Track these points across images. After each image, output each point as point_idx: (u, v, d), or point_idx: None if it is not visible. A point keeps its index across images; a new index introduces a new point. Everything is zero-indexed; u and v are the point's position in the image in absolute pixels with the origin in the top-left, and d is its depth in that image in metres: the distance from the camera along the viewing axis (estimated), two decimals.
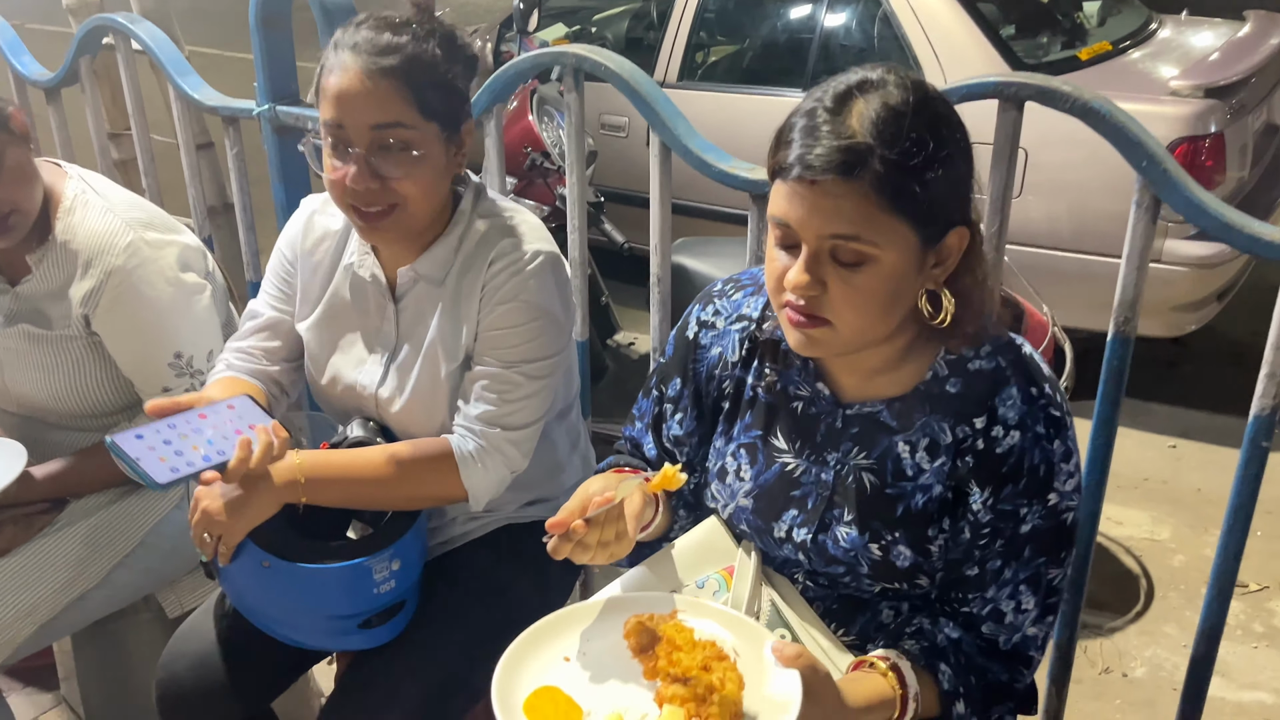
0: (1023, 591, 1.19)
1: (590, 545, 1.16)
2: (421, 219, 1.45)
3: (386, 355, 1.54)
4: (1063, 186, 3.43)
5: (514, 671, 1.12)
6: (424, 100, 1.38)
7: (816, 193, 1.05)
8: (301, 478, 1.41)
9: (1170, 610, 2.81)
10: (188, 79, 2.27)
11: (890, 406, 1.20)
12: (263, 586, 1.43)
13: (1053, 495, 1.15)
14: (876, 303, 1.09)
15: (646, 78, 1.69)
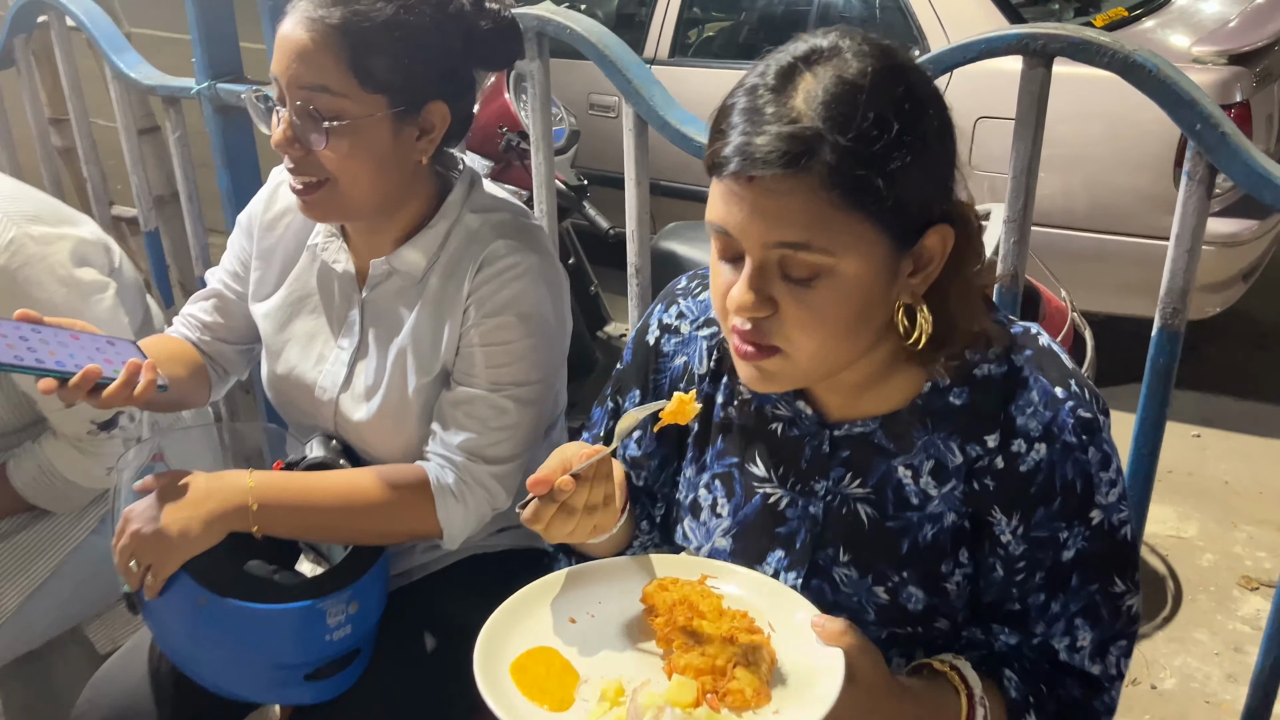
0: (1078, 626, 1.00)
1: (575, 509, 0.98)
2: (362, 203, 1.25)
3: (350, 356, 1.35)
4: (1078, 161, 3.26)
5: (509, 626, 0.98)
6: (365, 67, 1.18)
7: (757, 191, 0.86)
8: (254, 503, 1.23)
9: (1200, 614, 2.63)
10: (124, 56, 2.09)
11: (885, 425, 1.01)
12: (196, 627, 1.24)
13: (1095, 512, 0.97)
14: (837, 325, 0.90)
15: (619, 42, 1.49)
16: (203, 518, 1.21)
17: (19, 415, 1.57)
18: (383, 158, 1.22)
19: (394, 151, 1.23)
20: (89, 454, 1.54)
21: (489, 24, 1.25)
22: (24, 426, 1.59)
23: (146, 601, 1.25)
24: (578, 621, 1.00)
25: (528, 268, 1.26)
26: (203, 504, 1.22)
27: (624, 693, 0.91)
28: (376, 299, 1.34)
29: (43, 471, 1.53)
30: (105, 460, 1.55)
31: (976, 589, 1.03)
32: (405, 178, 1.26)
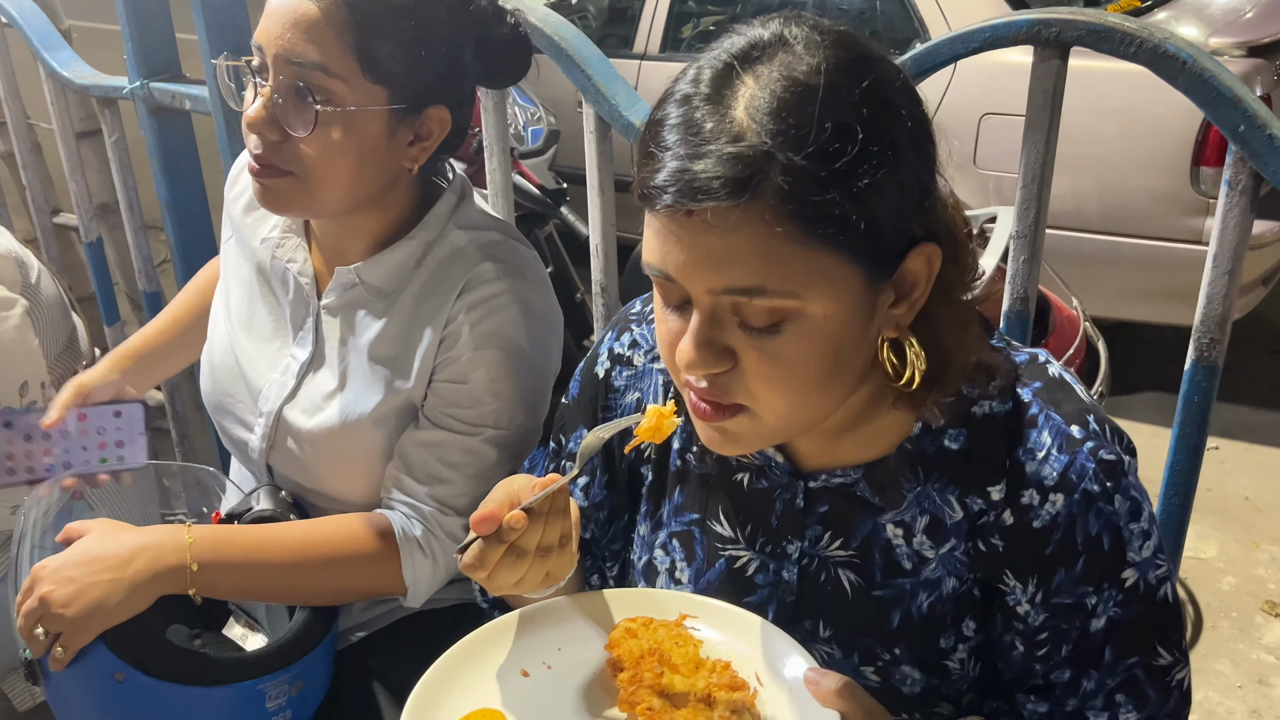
0: (1119, 703, 0.83)
1: (527, 552, 0.82)
2: (331, 203, 1.09)
3: (300, 367, 1.20)
4: (1090, 159, 3.14)
5: (448, 682, 0.84)
6: (370, 51, 1.03)
7: (698, 228, 0.71)
8: (193, 562, 1.06)
9: (1222, 643, 2.48)
10: (57, 54, 1.94)
11: (868, 475, 0.86)
12: (108, 707, 1.07)
13: (1129, 572, 0.81)
14: (808, 376, 0.75)
15: (577, 34, 1.33)
16: (129, 580, 1.04)
17: None
18: (369, 158, 1.07)
19: (383, 153, 1.08)
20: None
21: (506, 32, 1.15)
22: None
23: (50, 673, 1.08)
24: (530, 675, 0.87)
25: (518, 296, 1.12)
26: (130, 564, 1.05)
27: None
28: (336, 308, 1.18)
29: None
30: (7, 498, 1.39)
31: (986, 667, 0.88)
32: (386, 183, 1.11)
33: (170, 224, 1.84)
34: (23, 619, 1.06)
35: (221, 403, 1.28)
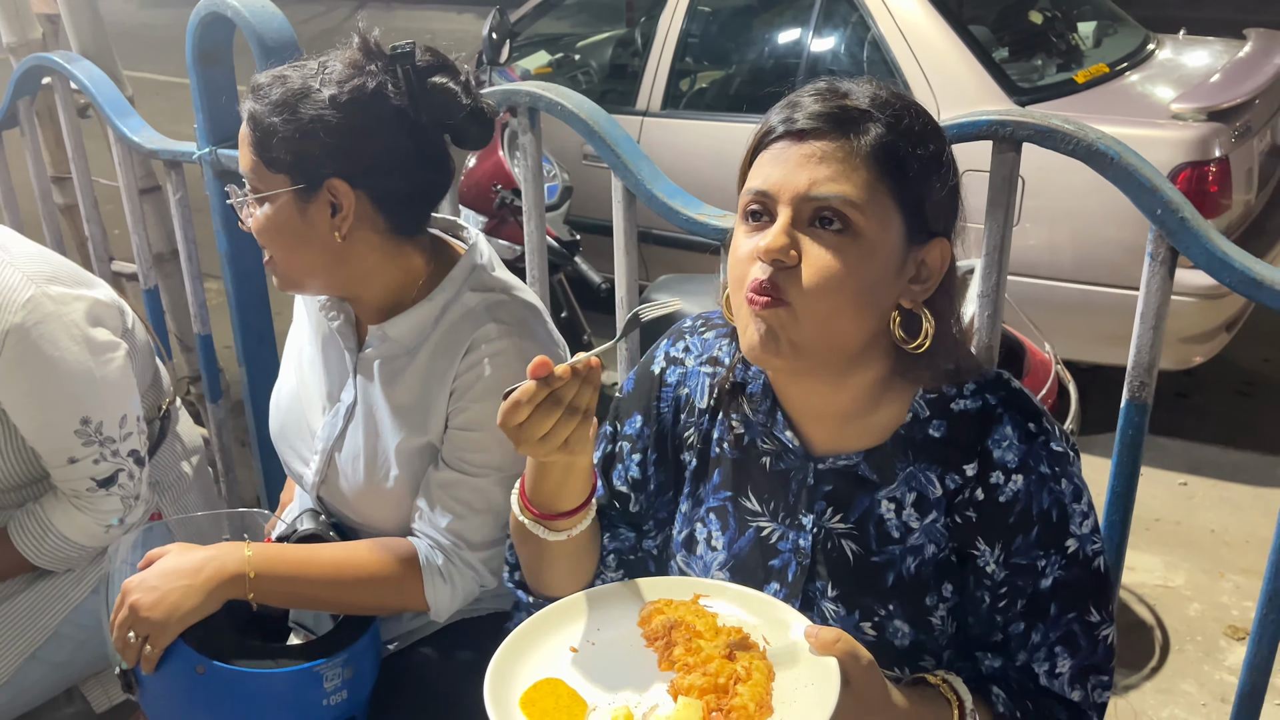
0: (1057, 654, 1.05)
1: (562, 402, 0.97)
2: (300, 277, 1.31)
3: (345, 410, 1.39)
4: (1064, 214, 3.31)
5: (512, 662, 1.01)
6: (266, 147, 1.25)
7: (806, 149, 0.97)
8: (251, 572, 1.26)
9: (1188, 665, 2.65)
10: (127, 120, 2.14)
11: (868, 458, 1.07)
12: (191, 698, 1.26)
13: (1071, 541, 1.03)
14: (850, 286, 0.97)
15: (607, 116, 1.54)
16: (200, 586, 1.24)
17: (24, 470, 1.60)
18: (298, 234, 1.27)
19: (306, 228, 1.27)
20: (86, 510, 1.56)
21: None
22: (28, 483, 1.62)
23: (142, 677, 1.27)
24: (579, 650, 1.04)
25: (518, 354, 1.29)
26: (200, 572, 1.25)
27: (632, 718, 0.94)
28: (370, 361, 1.37)
29: (43, 529, 1.56)
30: (103, 517, 1.58)
31: (962, 624, 1.08)
32: (338, 254, 1.28)
33: (229, 274, 2.04)
34: (117, 630, 1.26)
35: (286, 439, 1.48)
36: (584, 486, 1.10)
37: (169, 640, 1.23)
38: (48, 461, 1.55)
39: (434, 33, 9.18)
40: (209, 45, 1.90)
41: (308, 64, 1.26)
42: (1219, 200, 3.20)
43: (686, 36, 4.11)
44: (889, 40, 3.61)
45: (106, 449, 1.54)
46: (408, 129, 1.26)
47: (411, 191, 1.30)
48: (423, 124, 1.27)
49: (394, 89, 1.25)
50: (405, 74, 1.25)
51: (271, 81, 1.25)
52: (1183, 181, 3.14)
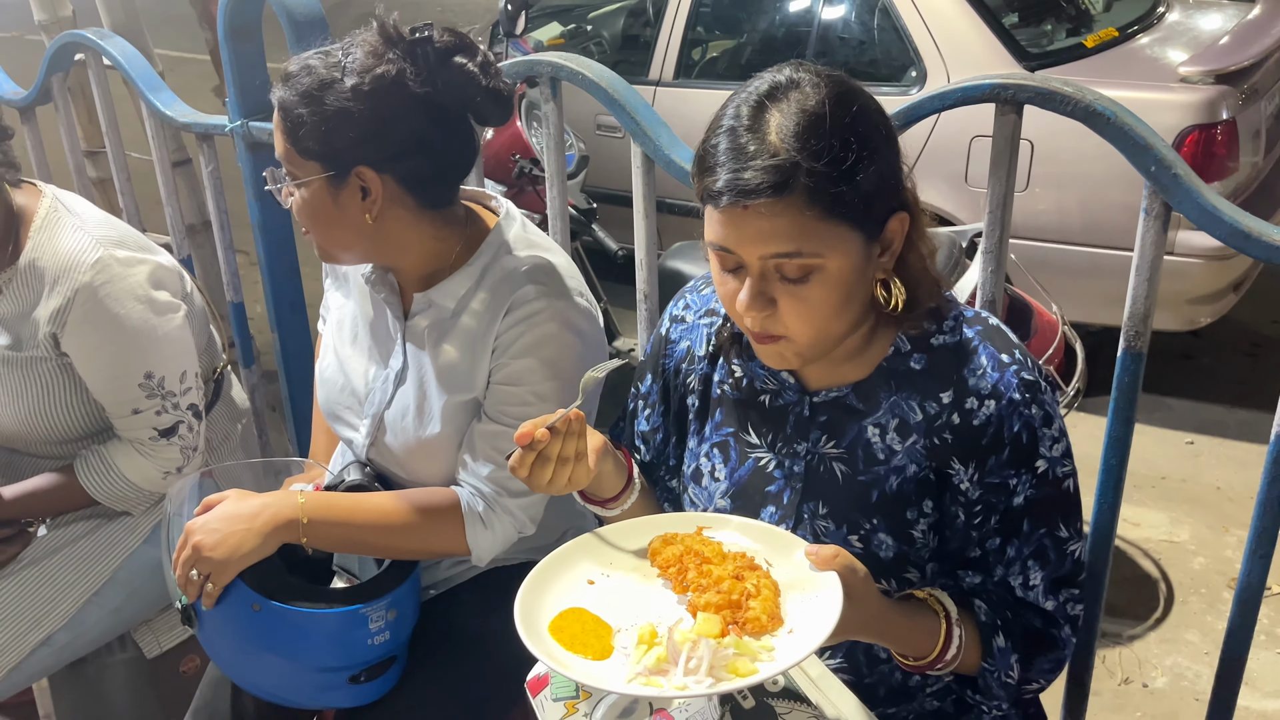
0: (1030, 567, 1.14)
1: (550, 459, 1.11)
2: (338, 253, 1.40)
3: (394, 376, 1.47)
4: (1072, 178, 3.35)
5: (535, 597, 1.09)
6: (297, 136, 1.31)
7: (750, 216, 1.03)
8: (304, 517, 1.34)
9: (1191, 616, 2.72)
10: (160, 95, 2.20)
11: (856, 389, 1.18)
12: (247, 634, 1.35)
13: (1040, 462, 1.12)
14: (829, 309, 1.08)
15: (626, 85, 1.61)
16: (258, 530, 1.32)
17: (90, 421, 1.70)
18: (331, 218, 1.35)
19: (339, 212, 1.34)
20: (148, 456, 1.67)
21: (487, 86, 1.33)
22: (91, 434, 1.72)
23: (201, 612, 1.36)
24: (596, 583, 1.12)
25: (554, 313, 1.36)
26: (258, 517, 1.33)
27: (657, 634, 1.02)
28: (417, 327, 1.45)
29: (107, 470, 1.67)
30: (162, 465, 1.68)
31: (942, 539, 1.17)
32: (372, 232, 1.36)
33: (261, 243, 2.12)
34: (180, 567, 1.35)
35: (333, 410, 1.56)
36: (614, 482, 1.24)
37: (229, 579, 1.32)
38: (112, 413, 1.65)
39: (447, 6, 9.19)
40: (240, 21, 1.97)
41: (332, 52, 1.31)
42: (1226, 163, 3.23)
43: (698, 6, 4.13)
44: (899, 7, 3.63)
45: (168, 402, 1.65)
46: (429, 111, 1.31)
47: (437, 170, 1.37)
48: (444, 105, 1.32)
49: (414, 74, 1.29)
50: (425, 57, 1.30)
51: (299, 71, 1.31)
52: (1190, 144, 3.16)
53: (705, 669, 0.97)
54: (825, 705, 1.13)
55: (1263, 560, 1.31)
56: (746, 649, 1.00)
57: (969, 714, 1.24)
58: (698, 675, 0.97)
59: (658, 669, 0.99)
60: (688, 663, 0.98)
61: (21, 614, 1.66)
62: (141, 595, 1.76)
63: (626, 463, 1.27)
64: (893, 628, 1.09)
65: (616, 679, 1.00)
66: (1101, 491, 1.40)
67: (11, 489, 1.68)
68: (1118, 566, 2.90)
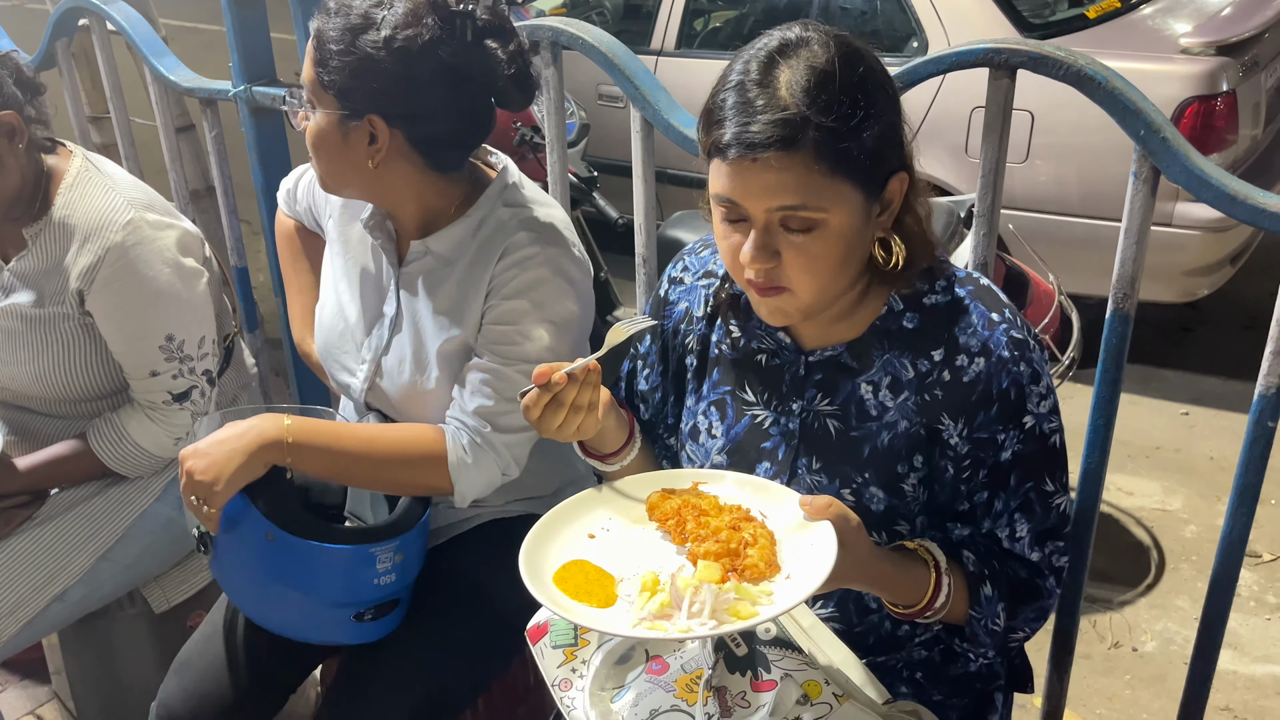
0: (1016, 520, 1.17)
1: (564, 404, 1.14)
2: (336, 185, 1.42)
3: (389, 322, 1.50)
4: (1072, 150, 3.37)
5: (539, 550, 1.12)
6: (324, 68, 1.34)
7: (758, 168, 1.04)
8: (289, 438, 1.36)
9: (1182, 582, 2.76)
10: (163, 60, 2.22)
11: (850, 348, 1.20)
12: (259, 562, 1.38)
13: (1028, 418, 1.14)
14: (831, 263, 1.09)
15: (626, 50, 1.62)
16: (244, 449, 1.34)
17: (108, 381, 1.73)
18: (337, 151, 1.38)
19: (346, 149, 1.37)
20: (160, 423, 1.70)
21: (512, 73, 1.37)
22: (107, 394, 1.75)
23: (217, 539, 1.39)
24: (596, 537, 1.16)
25: (546, 259, 1.39)
26: (243, 438, 1.35)
27: (659, 582, 1.06)
28: (412, 274, 1.48)
29: (119, 436, 1.70)
30: (174, 430, 1.71)
31: (931, 493, 1.20)
32: (373, 176, 1.38)
33: (264, 208, 2.14)
34: (185, 495, 1.37)
35: (332, 354, 1.59)
36: (616, 437, 1.28)
37: (223, 500, 1.34)
38: (130, 373, 1.69)
39: None
40: None
41: None
42: (1225, 135, 3.24)
43: None
44: None
45: (185, 366, 1.68)
46: (452, 83, 1.33)
47: (447, 138, 1.39)
48: (468, 80, 1.35)
49: (446, 44, 1.31)
50: (462, 30, 1.32)
51: (339, 7, 1.33)
52: (1189, 116, 3.17)
53: (708, 612, 1.01)
54: (816, 654, 1.17)
55: (1244, 517, 1.34)
56: (747, 593, 1.03)
57: (956, 663, 1.28)
58: (701, 618, 1.01)
59: (661, 614, 1.03)
60: (690, 607, 1.02)
61: (37, 570, 1.70)
62: (154, 551, 1.80)
63: (628, 420, 1.31)
64: (884, 576, 1.12)
65: (623, 624, 1.04)
66: (1088, 453, 1.43)
67: (26, 460, 1.71)
68: (1110, 534, 2.95)
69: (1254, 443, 1.30)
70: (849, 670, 1.16)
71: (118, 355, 1.68)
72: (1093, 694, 2.44)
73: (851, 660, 1.17)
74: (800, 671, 1.15)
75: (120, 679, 1.94)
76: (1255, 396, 1.29)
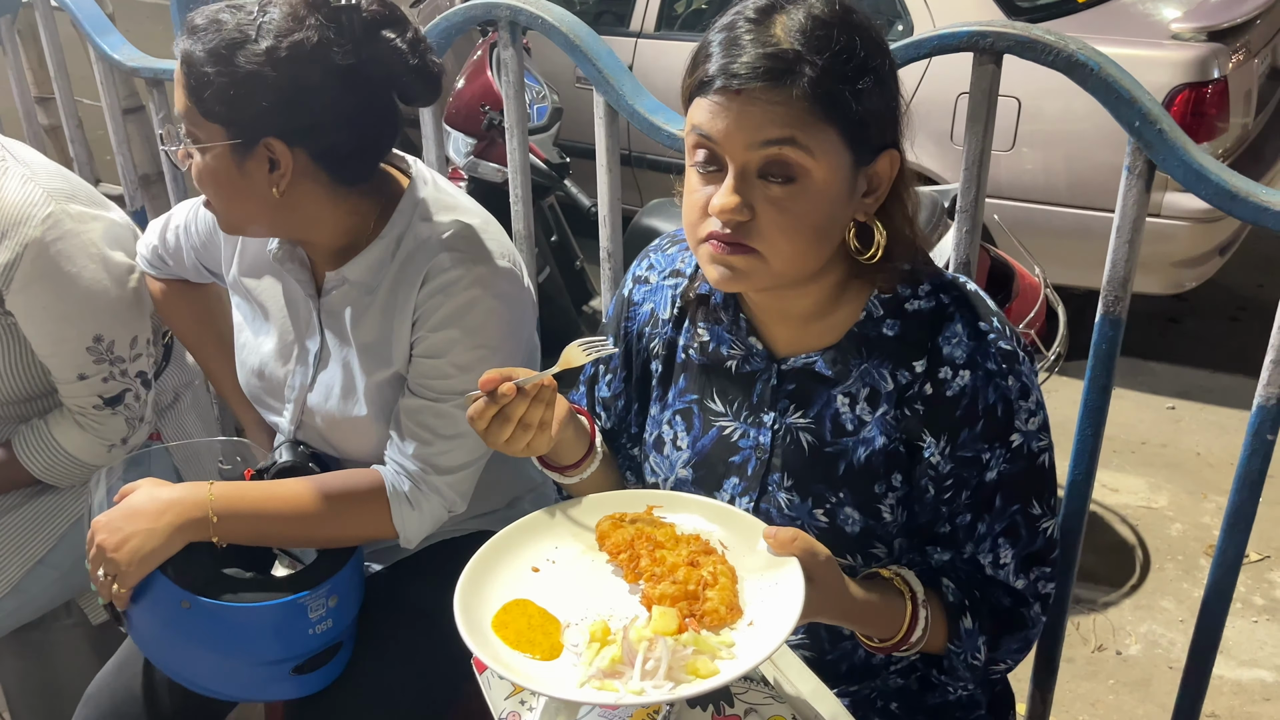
0: (1001, 545, 1.09)
1: (511, 419, 1.04)
2: (237, 223, 1.30)
3: (314, 357, 1.40)
4: (1060, 138, 3.29)
5: (477, 589, 1.02)
6: (200, 96, 1.20)
7: (743, 101, 0.96)
8: (213, 515, 1.27)
9: (1167, 583, 2.71)
10: (108, 38, 2.11)
11: (825, 355, 1.11)
12: (180, 632, 1.28)
13: (1015, 436, 1.06)
14: (808, 226, 1.00)
15: (589, 31, 1.52)
16: (163, 530, 1.25)
17: (31, 385, 1.62)
18: (233, 187, 1.24)
19: (243, 181, 1.23)
20: (90, 429, 1.59)
21: (414, 65, 1.25)
22: (33, 397, 1.64)
23: (129, 611, 1.29)
24: (541, 570, 1.06)
25: (474, 279, 1.28)
26: (163, 516, 1.25)
27: (609, 631, 0.97)
28: (332, 304, 1.37)
29: (47, 446, 1.59)
30: (106, 437, 1.60)
31: (911, 514, 1.11)
32: (278, 205, 1.26)
33: None
34: (90, 565, 1.27)
35: (257, 396, 1.49)
36: (574, 450, 1.18)
37: (135, 580, 1.24)
38: (57, 377, 1.57)
39: None
40: None
41: (245, 6, 1.20)
42: (1216, 123, 3.17)
43: None
44: None
45: (116, 368, 1.57)
46: (351, 86, 1.21)
47: (355, 148, 1.27)
48: (368, 80, 1.23)
49: (338, 44, 1.20)
50: (350, 27, 1.20)
51: (207, 25, 1.20)
52: (1180, 103, 3.10)
53: (664, 671, 0.92)
54: (784, 684, 1.08)
55: (1240, 534, 1.26)
56: (706, 646, 0.94)
57: (934, 692, 1.19)
58: (655, 678, 0.92)
59: (612, 671, 0.94)
60: (645, 664, 0.93)
61: None
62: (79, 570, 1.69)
63: (589, 430, 1.21)
64: (856, 609, 1.04)
65: (569, 683, 0.94)
66: (1076, 460, 1.35)
67: None
68: (1095, 533, 2.88)
69: (1251, 456, 1.22)
70: (818, 703, 1.07)
71: (43, 358, 1.56)
72: (1075, 699, 2.38)
73: (821, 691, 1.08)
74: (766, 705, 1.06)
75: (58, 692, 1.84)
76: (1254, 407, 1.20)
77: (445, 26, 1.63)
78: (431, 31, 1.65)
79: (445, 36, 1.65)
